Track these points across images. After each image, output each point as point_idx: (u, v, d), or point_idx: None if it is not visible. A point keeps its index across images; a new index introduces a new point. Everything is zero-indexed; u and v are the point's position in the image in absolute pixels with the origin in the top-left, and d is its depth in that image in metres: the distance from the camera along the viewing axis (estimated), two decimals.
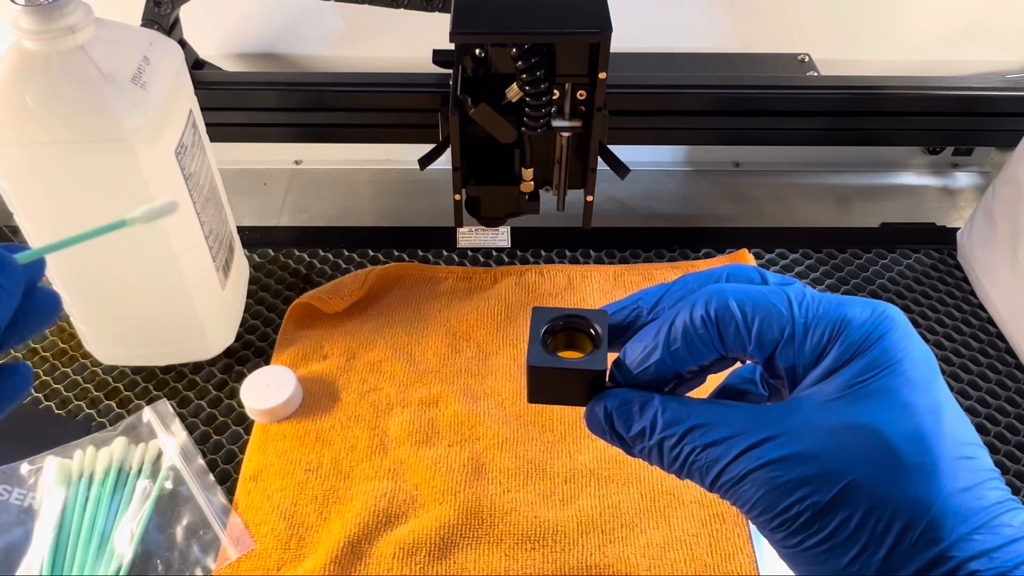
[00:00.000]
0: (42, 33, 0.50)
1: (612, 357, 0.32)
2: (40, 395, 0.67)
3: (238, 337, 0.71)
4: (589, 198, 0.72)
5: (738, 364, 0.33)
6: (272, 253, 0.79)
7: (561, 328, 0.33)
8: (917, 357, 0.28)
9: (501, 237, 0.75)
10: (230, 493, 0.60)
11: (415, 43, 0.73)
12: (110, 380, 0.68)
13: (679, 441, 0.29)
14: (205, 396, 0.67)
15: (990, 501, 0.27)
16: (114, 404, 0.66)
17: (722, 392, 0.36)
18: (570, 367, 0.31)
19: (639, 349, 0.31)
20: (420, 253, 0.80)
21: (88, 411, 0.66)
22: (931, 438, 0.27)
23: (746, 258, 0.78)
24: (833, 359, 0.29)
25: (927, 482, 0.26)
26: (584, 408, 0.32)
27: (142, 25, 0.76)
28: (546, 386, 0.32)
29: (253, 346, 0.71)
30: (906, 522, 0.26)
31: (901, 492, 0.26)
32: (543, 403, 0.33)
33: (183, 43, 0.81)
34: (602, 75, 0.62)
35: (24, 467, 0.60)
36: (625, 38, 0.66)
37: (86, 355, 0.69)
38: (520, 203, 0.73)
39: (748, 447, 0.28)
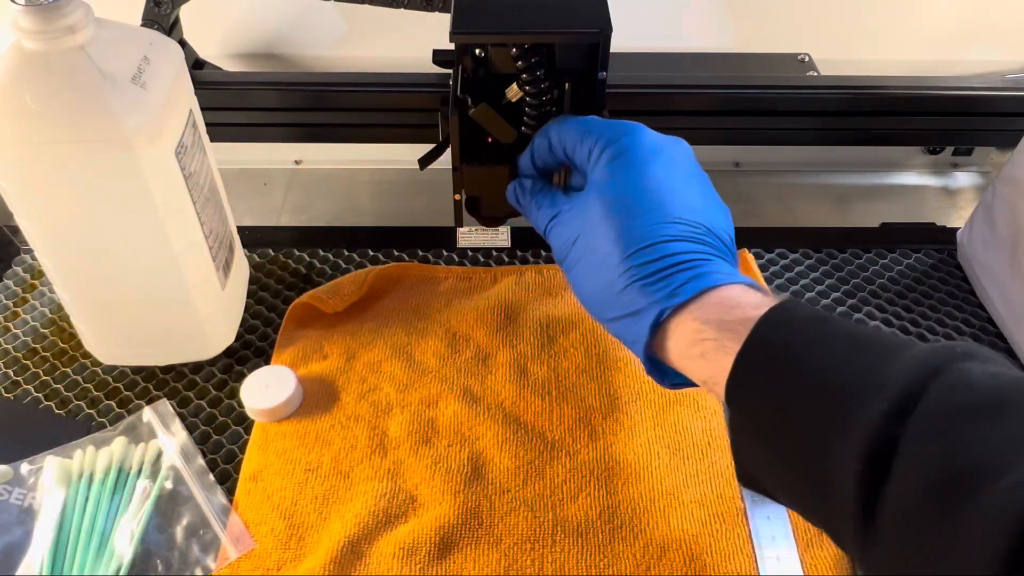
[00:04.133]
0: (42, 33, 0.50)
1: None
2: (40, 395, 0.67)
3: (238, 337, 0.71)
4: None
5: None
6: (272, 253, 0.79)
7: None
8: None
9: (501, 237, 0.75)
10: (230, 493, 0.60)
11: (415, 43, 0.73)
12: (110, 380, 0.68)
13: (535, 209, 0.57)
14: (205, 396, 0.67)
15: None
16: (114, 404, 0.66)
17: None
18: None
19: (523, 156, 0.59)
20: (420, 253, 0.80)
21: (88, 411, 0.66)
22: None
23: (746, 258, 0.78)
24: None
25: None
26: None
27: (142, 25, 0.76)
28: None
29: (253, 346, 0.71)
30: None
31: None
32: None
33: (183, 43, 0.81)
34: (602, 75, 0.62)
35: (24, 467, 0.60)
36: (626, 38, 0.66)
37: (86, 355, 0.69)
38: None
39: (551, 217, 0.56)
